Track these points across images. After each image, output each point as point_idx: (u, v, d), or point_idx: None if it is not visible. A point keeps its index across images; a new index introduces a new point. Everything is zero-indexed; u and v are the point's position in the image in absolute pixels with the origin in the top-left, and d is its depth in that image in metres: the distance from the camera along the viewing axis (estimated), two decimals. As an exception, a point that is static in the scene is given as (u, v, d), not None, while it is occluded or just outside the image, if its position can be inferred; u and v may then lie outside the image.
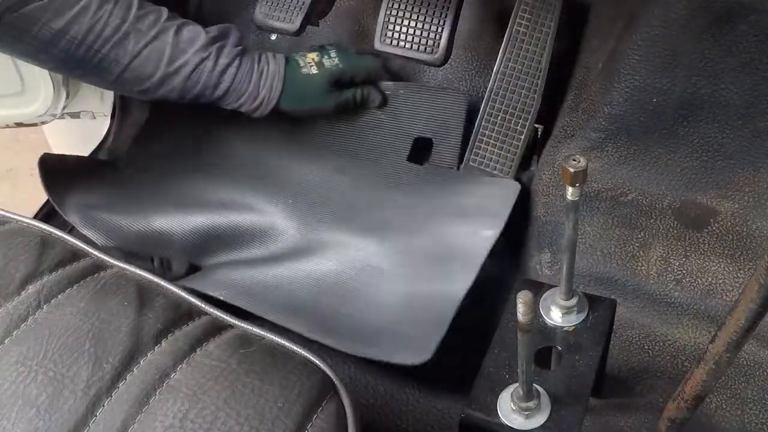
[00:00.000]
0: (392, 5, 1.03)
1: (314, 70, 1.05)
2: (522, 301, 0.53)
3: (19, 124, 1.19)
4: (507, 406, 0.65)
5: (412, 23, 1.02)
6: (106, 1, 0.92)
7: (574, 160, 0.58)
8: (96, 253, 0.64)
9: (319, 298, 0.96)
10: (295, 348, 0.58)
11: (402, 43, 1.03)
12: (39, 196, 1.12)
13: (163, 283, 0.62)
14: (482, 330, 0.87)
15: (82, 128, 1.26)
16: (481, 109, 1.04)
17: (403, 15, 1.02)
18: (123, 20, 0.93)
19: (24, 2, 0.87)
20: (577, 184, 0.59)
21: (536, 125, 1.04)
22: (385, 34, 1.03)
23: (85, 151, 1.23)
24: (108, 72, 0.95)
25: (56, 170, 1.10)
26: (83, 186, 1.10)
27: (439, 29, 1.01)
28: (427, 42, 1.02)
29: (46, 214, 1.15)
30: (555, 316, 0.72)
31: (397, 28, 1.03)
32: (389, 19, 1.03)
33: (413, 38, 1.02)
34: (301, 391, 0.54)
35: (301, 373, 0.55)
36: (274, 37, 1.22)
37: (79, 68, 0.95)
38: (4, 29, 0.88)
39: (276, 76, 1.03)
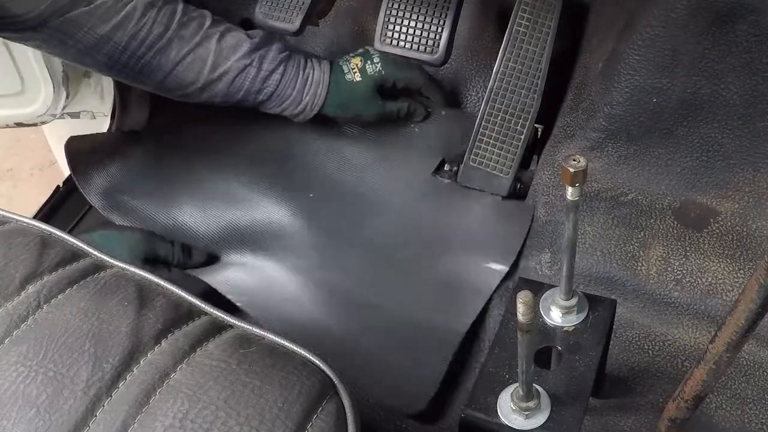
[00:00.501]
0: (392, 5, 1.03)
1: (358, 77, 1.06)
2: (522, 301, 0.53)
3: (19, 124, 1.19)
4: (507, 406, 0.65)
5: (412, 23, 1.02)
6: (151, 8, 0.92)
7: (574, 160, 0.58)
8: (96, 253, 0.64)
9: (327, 315, 0.96)
10: (295, 348, 0.58)
11: (402, 43, 1.03)
12: (39, 196, 1.12)
13: (163, 283, 0.62)
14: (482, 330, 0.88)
15: (82, 128, 1.26)
16: (481, 109, 1.04)
17: (403, 15, 1.02)
18: (167, 27, 0.94)
19: (70, 7, 0.88)
20: (577, 184, 0.59)
21: (536, 125, 1.04)
22: (385, 34, 1.03)
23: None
24: (151, 78, 0.96)
25: (82, 151, 1.11)
26: (108, 168, 1.11)
27: (439, 29, 1.01)
28: (427, 42, 1.02)
29: (46, 214, 1.15)
30: (555, 316, 0.72)
31: (397, 28, 1.03)
32: (389, 19, 1.03)
33: (413, 38, 1.02)
34: (301, 391, 0.54)
35: (301, 373, 0.55)
36: (273, 37, 1.22)
37: (122, 73, 0.96)
38: (50, 32, 0.89)
39: (321, 83, 1.03)
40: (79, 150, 1.12)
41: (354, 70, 1.06)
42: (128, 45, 0.92)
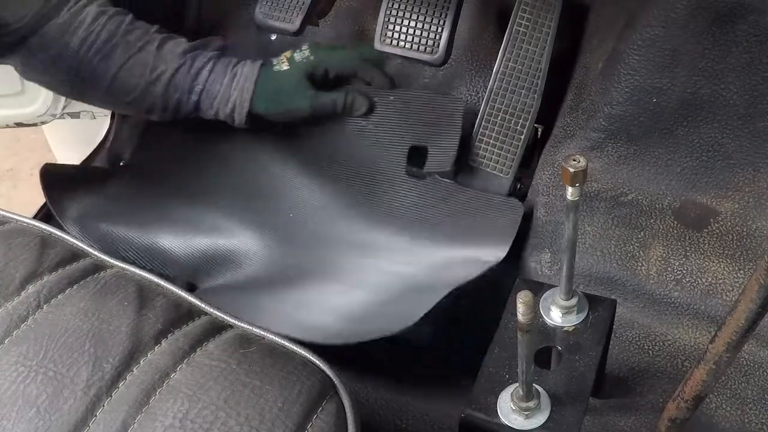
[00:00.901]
0: (392, 5, 1.03)
1: (285, 66, 1.03)
2: (522, 301, 0.53)
3: (19, 124, 1.20)
4: (507, 406, 0.65)
5: (412, 23, 1.02)
6: (102, 15, 0.97)
7: (574, 160, 0.58)
8: (96, 253, 0.64)
9: (305, 309, 0.94)
10: (295, 348, 0.58)
11: (402, 43, 1.03)
12: (39, 196, 1.12)
13: (163, 283, 0.62)
14: (482, 330, 0.87)
15: (82, 128, 1.26)
16: (481, 109, 1.03)
17: (403, 15, 1.02)
18: (113, 33, 0.98)
19: (44, 21, 0.93)
20: (577, 184, 0.59)
21: (536, 125, 1.04)
22: (385, 34, 1.03)
23: (85, 152, 1.23)
24: (100, 83, 0.99)
25: (58, 180, 1.10)
26: (85, 197, 1.09)
27: (439, 29, 1.01)
28: (427, 42, 1.02)
29: (46, 214, 1.15)
30: (555, 316, 0.72)
31: (397, 28, 1.03)
32: (389, 19, 1.03)
33: (413, 38, 1.02)
34: (301, 391, 0.54)
35: (301, 373, 0.55)
36: (274, 37, 1.22)
37: (77, 78, 0.98)
38: (27, 50, 0.94)
39: (248, 78, 1.01)
40: (55, 179, 1.09)
41: (282, 61, 1.03)
42: (79, 49, 0.96)
